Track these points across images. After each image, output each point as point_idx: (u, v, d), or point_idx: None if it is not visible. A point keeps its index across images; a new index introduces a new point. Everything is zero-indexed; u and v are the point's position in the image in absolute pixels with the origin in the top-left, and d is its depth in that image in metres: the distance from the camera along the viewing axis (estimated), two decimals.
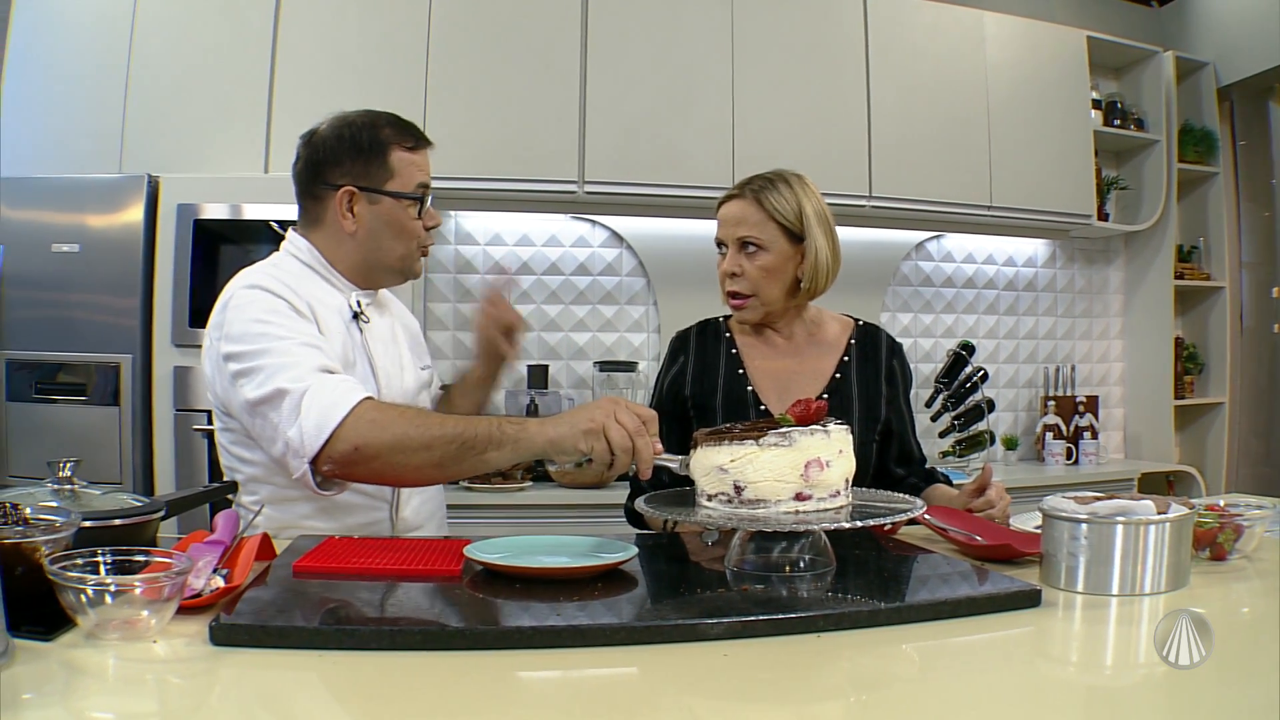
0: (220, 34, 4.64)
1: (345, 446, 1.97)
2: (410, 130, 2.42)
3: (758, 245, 2.56)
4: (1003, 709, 1.29)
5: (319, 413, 1.99)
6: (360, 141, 2.35)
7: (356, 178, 2.34)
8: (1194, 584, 1.82)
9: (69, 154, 4.49)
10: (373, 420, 1.99)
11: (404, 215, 2.37)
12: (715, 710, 1.28)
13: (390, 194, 2.35)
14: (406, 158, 2.37)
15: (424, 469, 1.99)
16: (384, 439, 1.97)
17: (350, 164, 2.34)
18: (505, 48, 4.82)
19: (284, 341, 2.12)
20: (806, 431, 1.77)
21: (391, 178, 2.35)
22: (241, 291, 2.22)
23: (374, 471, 2.04)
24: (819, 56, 5.19)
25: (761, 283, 2.57)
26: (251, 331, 2.14)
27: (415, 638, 1.41)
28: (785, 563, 1.78)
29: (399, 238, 2.38)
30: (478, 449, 1.95)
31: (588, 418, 1.88)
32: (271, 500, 2.29)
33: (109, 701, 1.24)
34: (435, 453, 1.95)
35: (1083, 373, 6.29)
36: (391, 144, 2.36)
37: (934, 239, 5.93)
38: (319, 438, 1.98)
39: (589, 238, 5.41)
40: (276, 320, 2.16)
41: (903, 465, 2.70)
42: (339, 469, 2.01)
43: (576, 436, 1.87)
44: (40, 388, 4.18)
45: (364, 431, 1.98)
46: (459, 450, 1.95)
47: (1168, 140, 6.00)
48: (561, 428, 1.90)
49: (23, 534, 1.44)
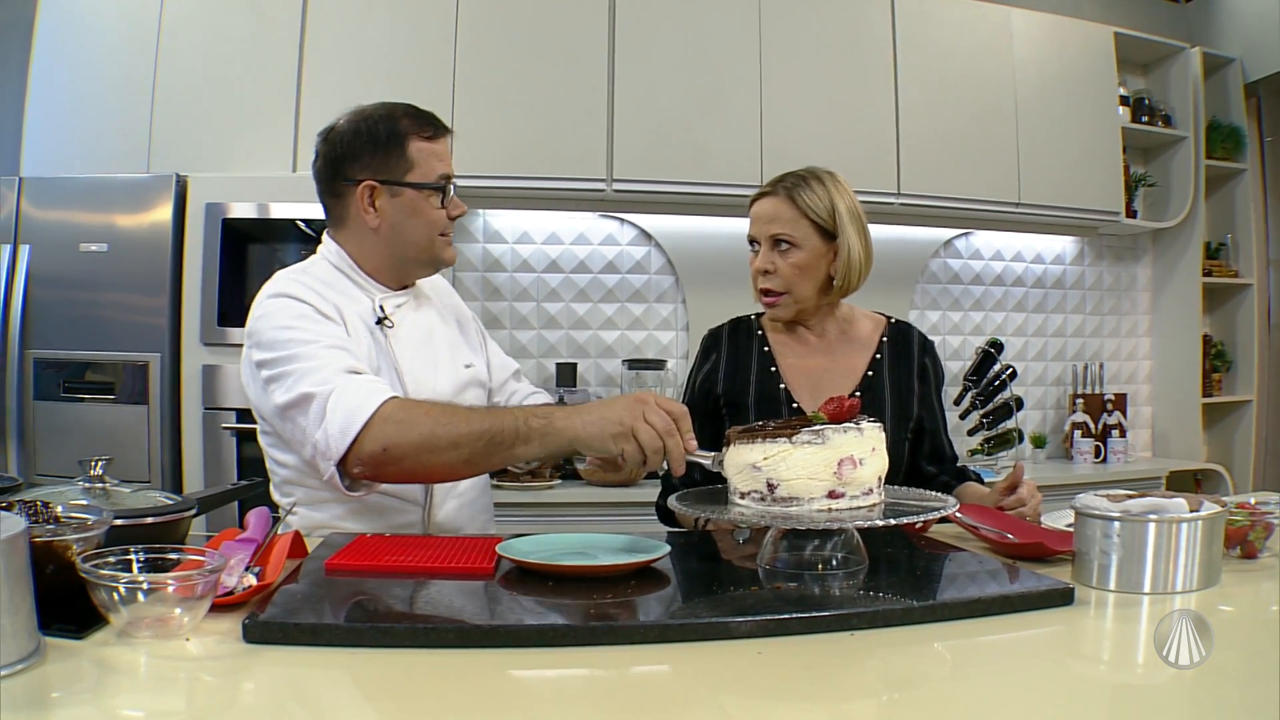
0: (247, 32, 4.66)
1: (373, 447, 1.98)
2: (428, 119, 2.40)
3: (790, 243, 2.55)
4: (1035, 708, 1.28)
5: (344, 415, 2.00)
6: (378, 134, 2.34)
7: (376, 171, 2.34)
8: (1225, 582, 1.81)
9: (97, 154, 4.52)
10: (400, 420, 1.99)
11: (426, 205, 2.36)
12: (747, 708, 1.27)
13: (411, 185, 2.34)
14: (425, 147, 2.36)
15: (454, 466, 2.00)
16: (411, 439, 1.97)
17: (369, 158, 2.34)
18: (533, 46, 4.83)
19: (310, 346, 2.13)
20: (840, 429, 1.76)
21: (411, 169, 2.34)
22: (269, 300, 2.25)
23: (404, 471, 2.04)
24: (846, 54, 5.18)
25: (794, 280, 2.57)
26: (279, 338, 2.16)
27: (448, 635, 1.41)
28: (818, 561, 1.77)
29: (423, 228, 2.37)
30: (505, 444, 1.95)
31: (616, 420, 1.86)
32: (306, 502, 2.31)
33: (140, 700, 1.24)
34: (463, 450, 1.96)
35: (1111, 370, 6.26)
36: (409, 134, 2.35)
37: (962, 236, 5.91)
38: (345, 440, 1.99)
39: (617, 235, 5.41)
40: (302, 325, 2.18)
41: (934, 463, 2.69)
42: (368, 470, 2.02)
43: (605, 439, 1.87)
44: (68, 387, 4.20)
45: (391, 432, 1.98)
46: (487, 447, 1.95)
47: (1195, 137, 5.96)
48: (590, 428, 1.89)
49: (54, 532, 1.44)
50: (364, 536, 2.03)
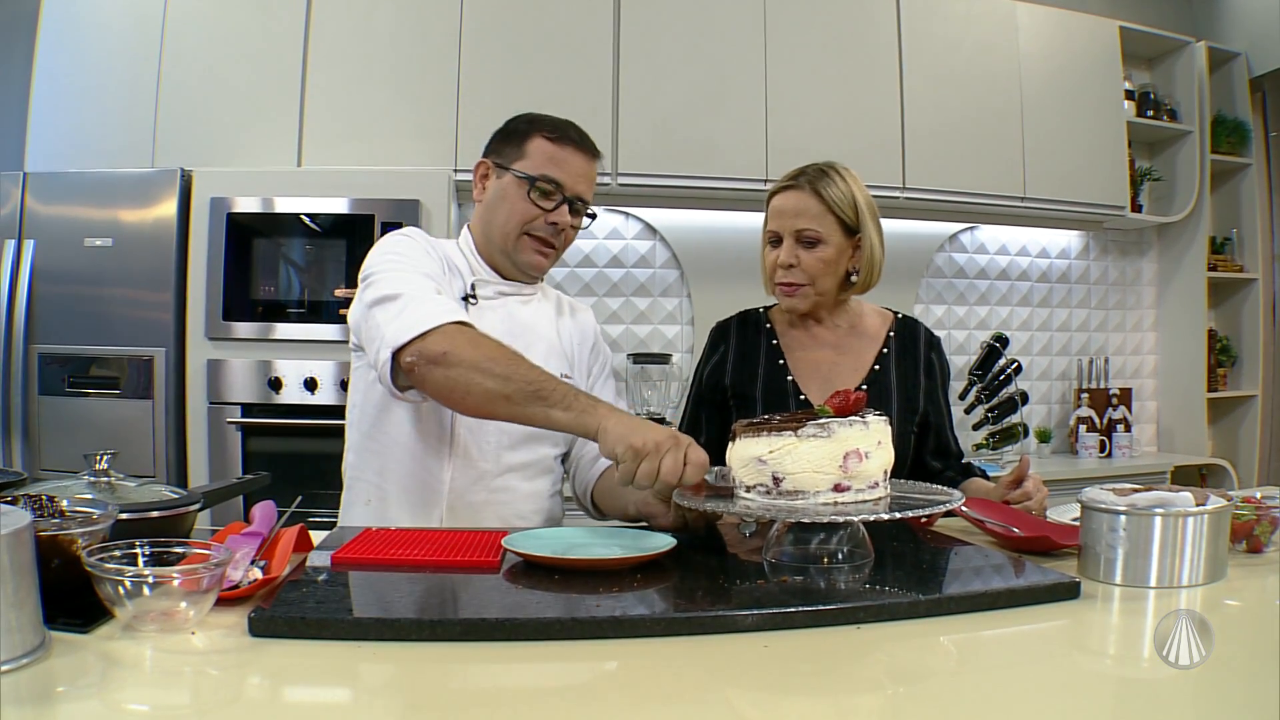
0: (252, 27, 4.65)
1: (437, 348, 2.05)
2: (563, 126, 2.47)
3: (817, 238, 2.53)
4: (1041, 702, 1.28)
5: (423, 314, 2.09)
6: (512, 126, 2.50)
7: (494, 154, 2.49)
8: (1230, 576, 1.81)
9: (101, 148, 4.53)
10: (470, 336, 2.08)
11: (518, 194, 2.42)
12: (753, 701, 1.27)
13: (513, 171, 2.42)
14: (545, 147, 2.42)
15: (492, 397, 2.02)
16: (471, 354, 2.03)
17: (498, 143, 2.50)
18: (538, 41, 4.82)
19: (409, 266, 2.27)
20: (845, 423, 1.76)
21: (522, 158, 2.42)
22: (385, 237, 2.42)
23: (449, 381, 2.06)
24: (852, 48, 5.17)
25: (819, 274, 2.56)
26: (383, 258, 2.31)
27: (454, 629, 1.41)
28: (823, 554, 1.77)
29: (509, 215, 2.43)
30: (549, 402, 1.99)
31: (648, 437, 1.88)
32: (354, 447, 2.47)
33: (146, 694, 1.24)
34: (511, 385, 2.00)
35: (1116, 365, 6.26)
36: (536, 131, 2.44)
37: (968, 230, 5.91)
38: (415, 330, 2.06)
39: (622, 230, 5.41)
40: (407, 251, 2.33)
41: (939, 458, 2.69)
42: (420, 363, 2.06)
43: (624, 442, 1.88)
44: (73, 382, 4.21)
45: (457, 340, 2.06)
46: (532, 395, 2.00)
47: (1200, 131, 5.96)
48: (619, 427, 1.92)
49: (59, 526, 1.45)
50: (370, 530, 2.03)
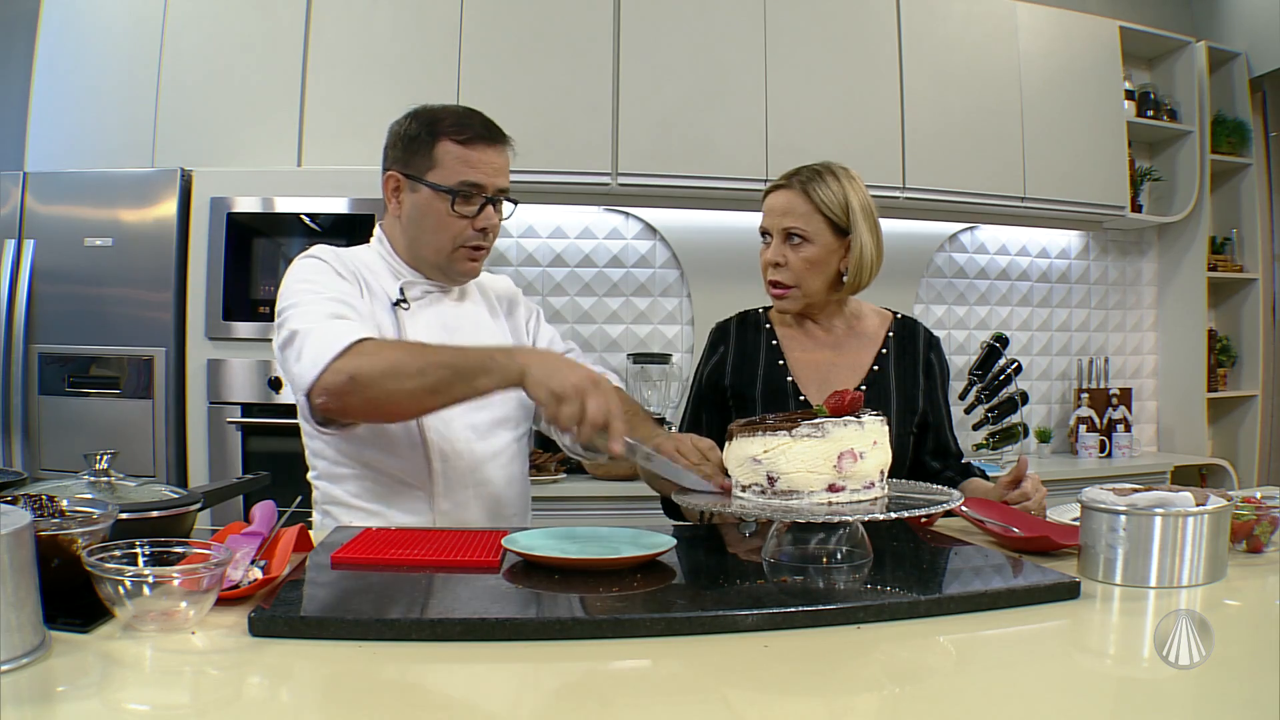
0: (252, 26, 4.65)
1: (340, 377, 2.03)
2: (470, 124, 2.36)
3: (803, 237, 2.54)
4: (1040, 701, 1.28)
5: (320, 347, 2.06)
6: (412, 130, 2.37)
7: (402, 165, 2.37)
8: (1230, 576, 1.81)
9: (101, 148, 4.52)
10: (371, 352, 2.05)
11: (440, 208, 2.32)
12: (751, 701, 1.27)
13: (427, 184, 2.32)
14: (456, 151, 2.31)
15: (417, 394, 2.03)
16: (379, 366, 2.02)
17: (399, 150, 2.38)
18: (538, 40, 4.82)
19: (314, 295, 2.20)
20: (840, 423, 1.76)
21: (433, 168, 2.32)
22: (296, 261, 2.35)
23: (369, 401, 2.06)
24: (852, 47, 5.17)
25: (804, 274, 2.56)
26: (290, 290, 2.25)
27: (454, 629, 1.41)
28: (822, 554, 1.77)
29: (435, 232, 2.35)
30: (468, 376, 2.00)
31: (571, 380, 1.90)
32: (325, 475, 2.39)
33: (146, 693, 1.24)
34: (429, 378, 2.00)
35: (1115, 365, 6.26)
36: (443, 135, 2.33)
37: (967, 230, 5.90)
38: (315, 369, 2.04)
39: (622, 230, 5.40)
40: (315, 279, 2.26)
41: (939, 459, 2.69)
42: (332, 399, 2.06)
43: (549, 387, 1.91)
44: (73, 381, 4.21)
45: (359, 361, 2.03)
46: (451, 376, 2.00)
47: (1200, 131, 5.95)
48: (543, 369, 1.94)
49: (59, 526, 1.45)
50: (370, 530, 2.03)
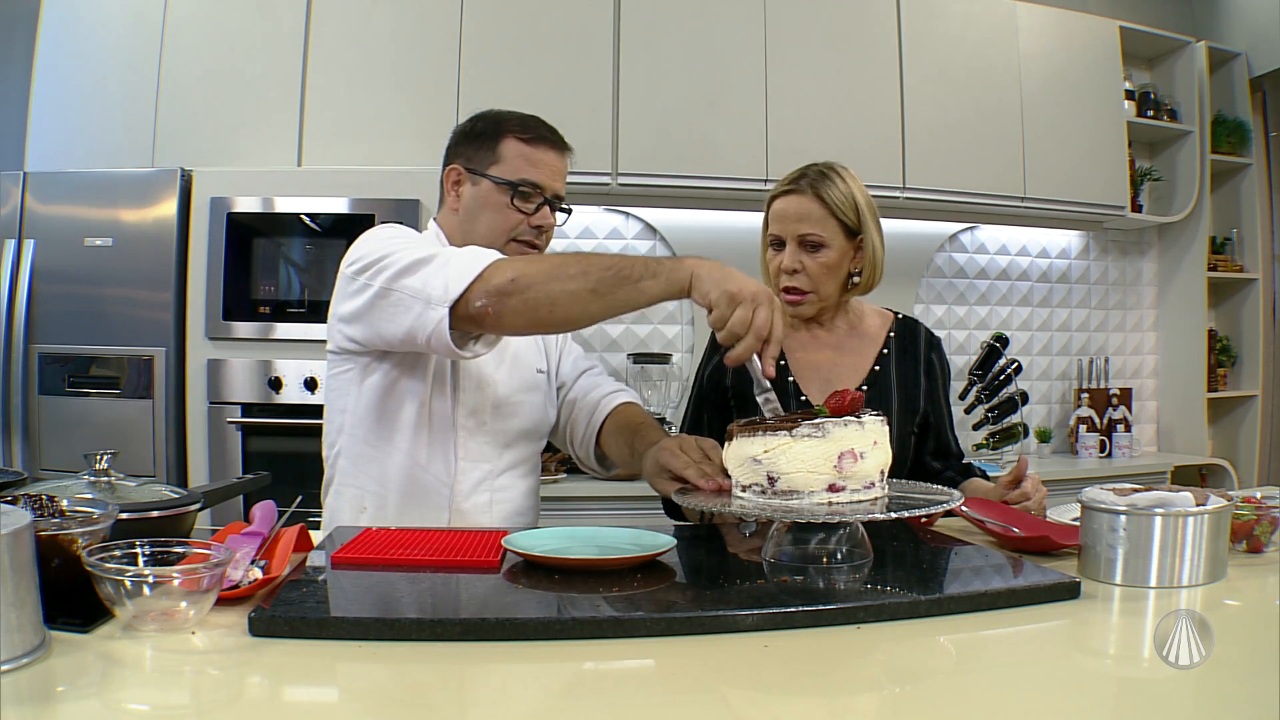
0: (252, 26, 4.65)
1: (501, 278, 1.98)
2: (535, 125, 2.42)
3: (820, 242, 2.52)
4: (1040, 701, 1.28)
5: (469, 259, 2.04)
6: (479, 127, 2.43)
7: (465, 159, 2.42)
8: (1231, 576, 1.81)
9: (101, 148, 4.52)
10: (525, 259, 2.08)
11: (499, 201, 2.37)
12: (750, 701, 1.27)
13: (490, 177, 2.37)
14: (519, 148, 2.37)
15: (579, 295, 1.96)
16: (539, 267, 1.99)
17: (464, 146, 2.43)
18: (538, 40, 4.82)
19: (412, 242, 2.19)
20: (840, 423, 1.76)
21: (496, 163, 2.37)
22: (370, 231, 2.31)
23: (529, 303, 1.98)
24: (852, 47, 5.17)
25: (822, 279, 2.55)
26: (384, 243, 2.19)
27: (454, 629, 1.40)
28: (822, 554, 1.77)
29: (491, 224, 2.37)
30: (634, 278, 1.93)
31: (743, 286, 1.87)
32: (346, 453, 2.36)
33: (146, 693, 1.24)
34: (591, 278, 1.95)
35: (1116, 365, 6.26)
36: (507, 132, 2.39)
37: (968, 230, 5.91)
38: (469, 275, 2.00)
39: (622, 229, 5.40)
40: (407, 234, 2.29)
41: (939, 459, 2.69)
42: (491, 301, 1.99)
43: (719, 288, 1.88)
44: (73, 381, 4.21)
45: (518, 263, 2.03)
46: (615, 278, 1.94)
47: (1200, 131, 5.96)
48: (714, 273, 1.90)
49: (60, 526, 1.44)
50: (370, 530, 2.03)
